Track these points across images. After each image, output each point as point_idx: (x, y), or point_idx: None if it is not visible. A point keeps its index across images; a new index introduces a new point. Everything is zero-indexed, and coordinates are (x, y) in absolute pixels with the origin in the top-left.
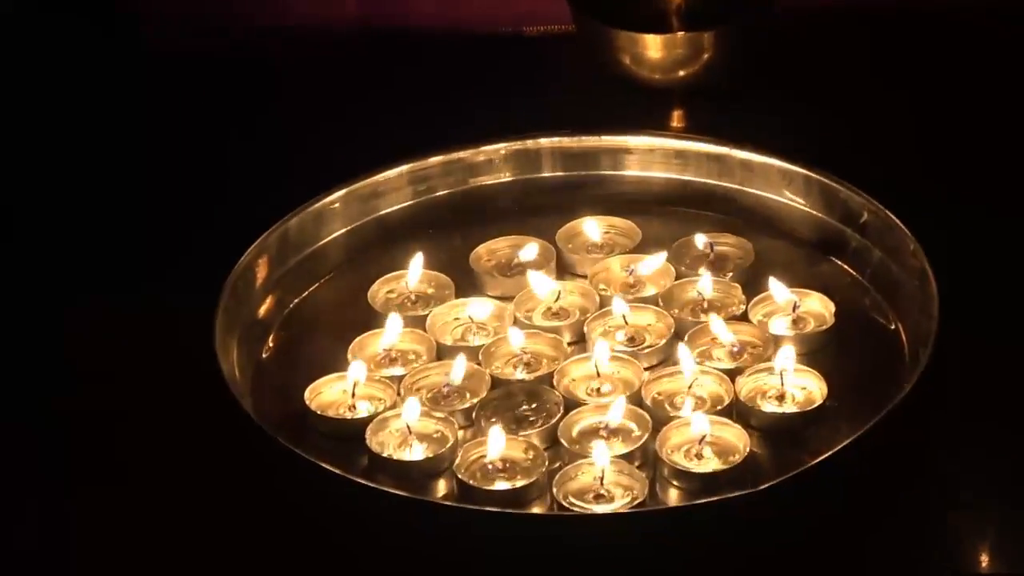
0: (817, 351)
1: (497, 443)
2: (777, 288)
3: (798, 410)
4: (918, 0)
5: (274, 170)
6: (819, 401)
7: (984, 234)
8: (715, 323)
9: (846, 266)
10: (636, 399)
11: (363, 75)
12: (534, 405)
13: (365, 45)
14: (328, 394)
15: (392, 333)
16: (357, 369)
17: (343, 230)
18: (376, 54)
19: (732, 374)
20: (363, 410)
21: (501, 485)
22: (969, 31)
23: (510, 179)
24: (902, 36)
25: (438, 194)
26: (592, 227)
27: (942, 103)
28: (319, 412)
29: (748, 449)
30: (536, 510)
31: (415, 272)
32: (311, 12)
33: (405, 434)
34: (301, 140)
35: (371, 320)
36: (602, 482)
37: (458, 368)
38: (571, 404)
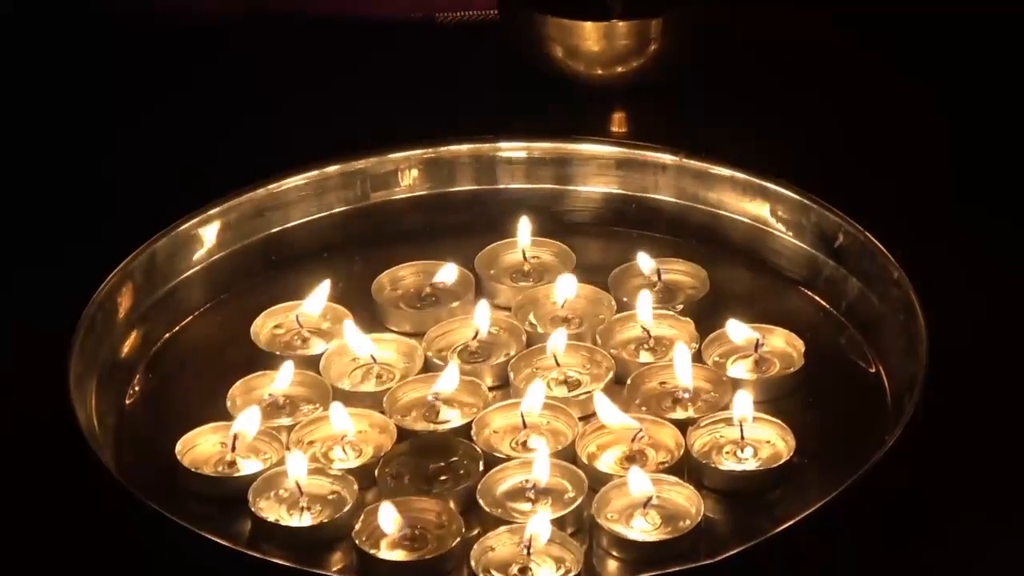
0: (783, 398)
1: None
2: (736, 326)
3: (760, 467)
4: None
5: (140, 183)
6: (785, 457)
7: (979, 261)
8: (680, 353)
9: (818, 298)
10: (569, 454)
11: (248, 69)
12: (449, 461)
13: (252, 34)
14: (204, 447)
15: (284, 379)
16: (246, 417)
17: (221, 254)
18: (264, 44)
19: (683, 425)
20: (245, 467)
21: (409, 556)
22: (959, 29)
23: (420, 193)
24: (889, 34)
25: (334, 211)
26: (518, 250)
27: (929, 114)
28: (193, 469)
29: (701, 514)
30: None
31: (317, 303)
32: None
33: (295, 495)
34: (173, 146)
35: (254, 360)
36: (529, 552)
37: (338, 416)
38: (492, 460)
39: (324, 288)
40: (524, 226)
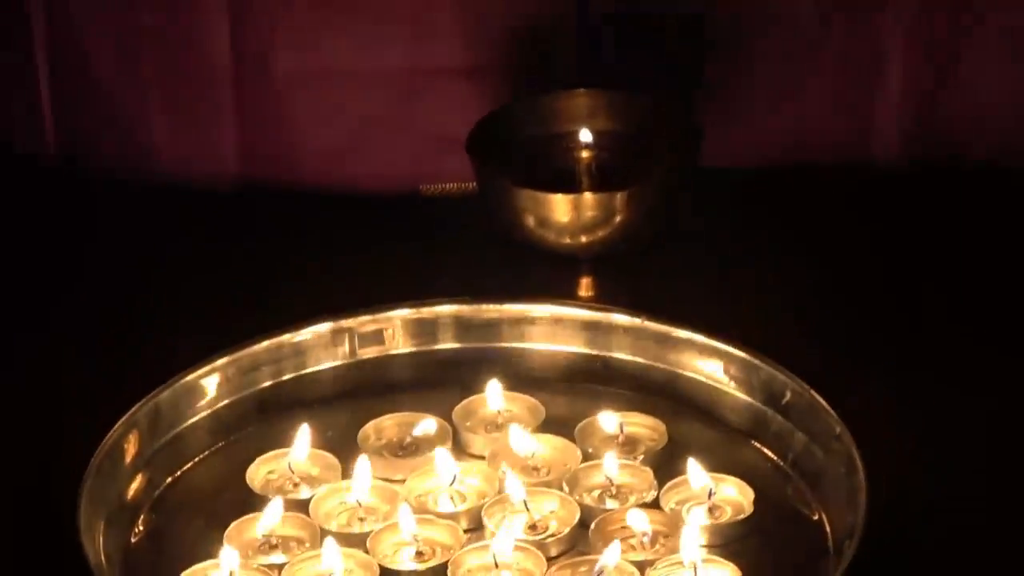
0: (735, 542)
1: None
2: (695, 472)
3: None
4: (850, 157)
5: (146, 338)
6: None
7: (916, 419)
8: (633, 515)
9: (767, 450)
10: None
11: (242, 238)
12: None
13: (245, 205)
14: None
15: (271, 517)
16: (229, 557)
17: (220, 404)
18: (257, 215)
19: (641, 566)
20: None
21: None
22: (901, 196)
23: (403, 351)
24: (830, 199)
25: (325, 366)
26: (492, 404)
27: (874, 276)
28: None
29: None
30: None
31: (300, 449)
32: (185, 167)
33: None
34: (175, 306)
35: (250, 503)
36: None
37: (330, 554)
38: None
39: (304, 433)
40: (494, 387)
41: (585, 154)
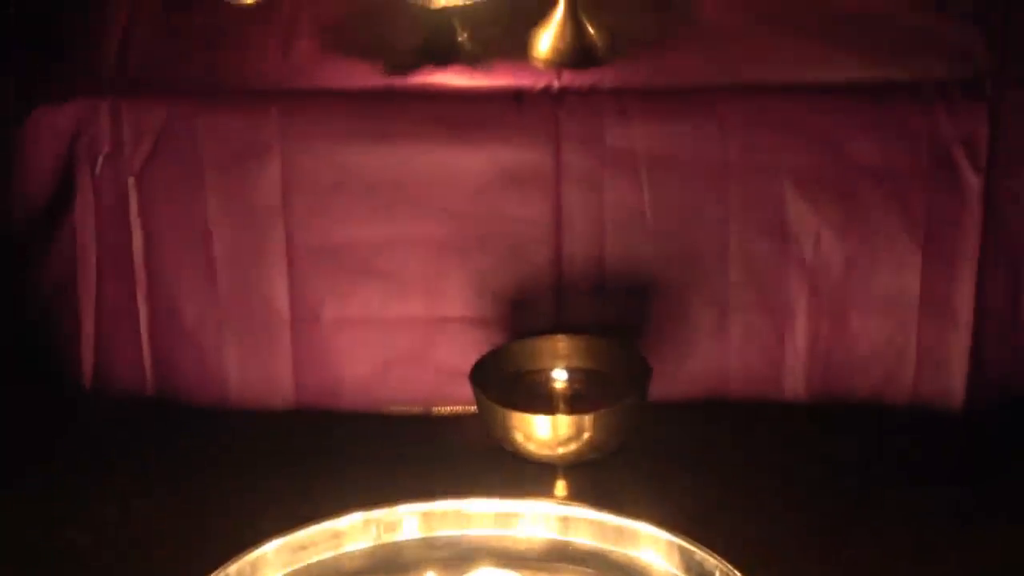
0: None
1: None
2: None
3: None
4: (764, 391)
5: (221, 523)
6: None
7: None
8: None
9: None
10: None
11: (294, 448)
12: None
13: (297, 423)
14: None
15: None
16: None
17: (276, 575)
18: (307, 430)
19: None
20: None
21: None
22: (804, 423)
23: (418, 536)
24: (747, 424)
25: (355, 548)
26: None
27: (783, 484)
28: None
29: None
30: None
31: None
32: (251, 395)
33: None
34: (245, 499)
35: None
36: None
37: None
38: None
39: None
40: (486, 571)
41: (561, 385)
